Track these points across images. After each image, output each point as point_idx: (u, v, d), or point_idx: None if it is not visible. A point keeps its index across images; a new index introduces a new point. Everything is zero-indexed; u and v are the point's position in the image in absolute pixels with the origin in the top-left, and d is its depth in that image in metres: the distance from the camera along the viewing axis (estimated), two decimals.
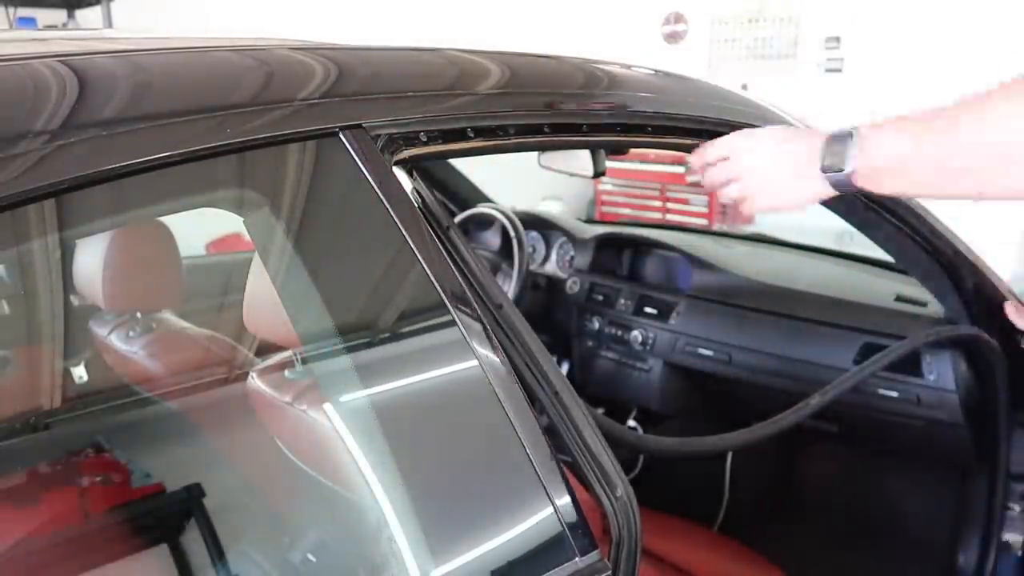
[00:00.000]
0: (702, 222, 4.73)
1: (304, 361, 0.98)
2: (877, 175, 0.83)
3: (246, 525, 1.00)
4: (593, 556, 0.72)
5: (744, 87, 4.09)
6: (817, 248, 2.08)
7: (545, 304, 2.22)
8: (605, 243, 2.14)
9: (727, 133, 0.99)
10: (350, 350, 0.77)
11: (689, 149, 1.02)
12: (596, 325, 2.07)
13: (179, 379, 1.23)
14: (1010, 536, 1.48)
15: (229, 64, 0.74)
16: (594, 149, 1.07)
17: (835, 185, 0.86)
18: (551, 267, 2.24)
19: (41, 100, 0.60)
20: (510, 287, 2.01)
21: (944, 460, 1.63)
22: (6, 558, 0.86)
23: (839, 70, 4.51)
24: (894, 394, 1.52)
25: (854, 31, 4.42)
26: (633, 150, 1.08)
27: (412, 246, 0.73)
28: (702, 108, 1.04)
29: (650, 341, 1.93)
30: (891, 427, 1.58)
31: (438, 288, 0.73)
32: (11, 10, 3.43)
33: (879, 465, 1.86)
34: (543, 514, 0.71)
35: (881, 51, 4.25)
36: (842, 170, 0.84)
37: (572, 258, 2.19)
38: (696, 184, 4.76)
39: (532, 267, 2.23)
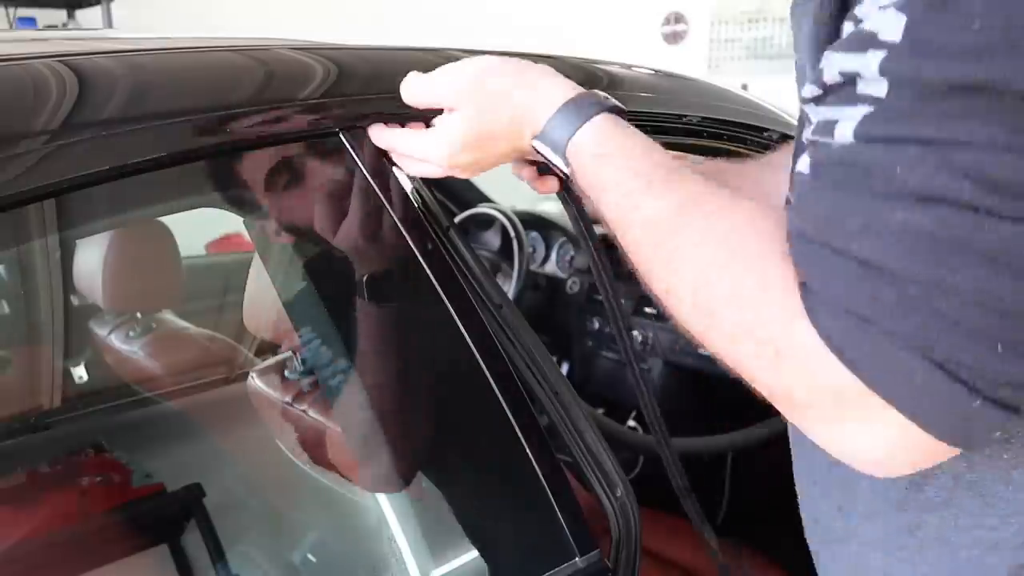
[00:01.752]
0: None
1: (304, 361, 0.98)
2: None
3: (246, 525, 1.00)
4: (593, 556, 0.72)
5: (744, 87, 4.08)
6: None
7: (545, 304, 2.22)
8: (605, 243, 2.14)
9: (727, 134, 0.98)
10: (350, 350, 0.77)
11: (689, 149, 1.02)
12: (596, 325, 2.07)
13: (179, 379, 1.23)
14: None
15: (229, 64, 0.74)
16: None
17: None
18: (551, 267, 2.24)
19: (41, 100, 0.60)
20: (510, 287, 2.01)
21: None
22: (6, 558, 0.86)
23: None
24: None
25: None
26: None
27: (412, 246, 0.73)
28: (702, 108, 1.04)
29: (650, 341, 1.93)
30: None
31: (438, 288, 0.73)
32: (11, 10, 3.44)
33: None
34: (543, 514, 0.71)
35: None
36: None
37: (572, 258, 2.19)
38: None
39: (532, 267, 2.23)
